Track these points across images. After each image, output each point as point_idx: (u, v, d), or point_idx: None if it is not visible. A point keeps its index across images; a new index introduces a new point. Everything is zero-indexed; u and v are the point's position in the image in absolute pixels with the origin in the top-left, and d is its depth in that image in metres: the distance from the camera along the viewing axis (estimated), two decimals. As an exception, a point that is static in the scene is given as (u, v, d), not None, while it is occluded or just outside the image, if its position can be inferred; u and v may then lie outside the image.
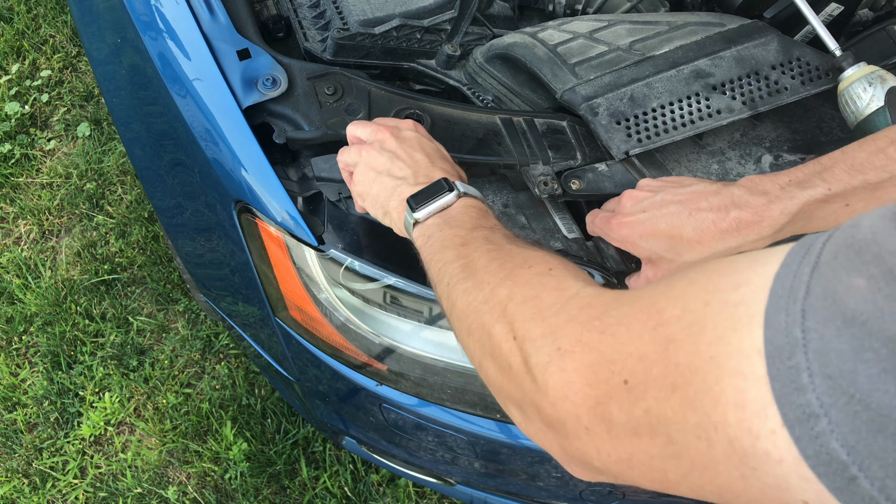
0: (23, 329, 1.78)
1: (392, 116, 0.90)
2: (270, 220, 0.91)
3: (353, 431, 1.22)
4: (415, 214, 0.68)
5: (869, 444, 0.31)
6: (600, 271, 0.85)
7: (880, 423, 0.31)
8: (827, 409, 0.32)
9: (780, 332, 0.35)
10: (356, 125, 0.83)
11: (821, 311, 0.34)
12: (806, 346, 0.33)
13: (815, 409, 0.33)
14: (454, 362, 0.95)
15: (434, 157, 0.76)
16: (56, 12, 2.26)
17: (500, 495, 1.20)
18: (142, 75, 1.04)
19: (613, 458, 0.44)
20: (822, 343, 0.33)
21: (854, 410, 0.32)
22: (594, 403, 0.44)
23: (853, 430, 0.32)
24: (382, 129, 0.79)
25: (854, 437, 0.32)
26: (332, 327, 0.97)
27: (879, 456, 0.31)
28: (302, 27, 1.02)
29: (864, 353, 0.32)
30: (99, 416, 1.66)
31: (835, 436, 0.32)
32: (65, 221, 1.93)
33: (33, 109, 2.10)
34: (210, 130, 0.93)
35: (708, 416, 0.37)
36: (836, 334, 0.33)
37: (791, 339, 0.34)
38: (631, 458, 0.42)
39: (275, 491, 1.58)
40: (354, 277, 0.90)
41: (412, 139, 0.78)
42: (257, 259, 0.99)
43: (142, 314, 1.78)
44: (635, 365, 0.42)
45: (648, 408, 0.40)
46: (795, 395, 0.33)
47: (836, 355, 0.32)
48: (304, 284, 0.95)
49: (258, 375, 1.69)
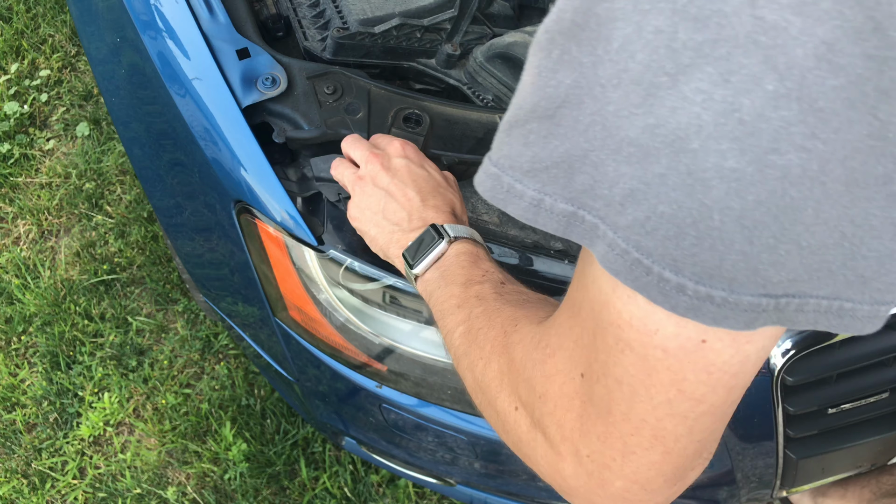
0: (22, 329, 1.78)
1: (392, 116, 0.90)
2: (270, 221, 0.91)
3: (353, 432, 1.21)
4: (414, 271, 0.72)
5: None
6: None
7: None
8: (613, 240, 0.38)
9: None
10: (350, 145, 0.84)
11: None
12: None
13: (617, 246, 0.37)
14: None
15: (426, 192, 0.78)
16: (55, 12, 2.26)
17: (501, 496, 1.20)
18: (141, 75, 1.04)
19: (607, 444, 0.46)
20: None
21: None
22: (578, 415, 0.46)
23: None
24: (374, 157, 0.80)
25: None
26: (331, 327, 0.97)
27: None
28: (301, 26, 1.02)
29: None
30: (98, 417, 1.65)
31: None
32: (64, 221, 1.92)
33: (32, 109, 2.10)
34: (209, 130, 0.93)
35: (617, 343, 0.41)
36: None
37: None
38: (609, 435, 0.45)
39: (274, 491, 1.58)
40: (354, 278, 0.90)
41: (403, 171, 0.79)
42: (257, 259, 0.99)
43: (141, 314, 1.78)
44: (578, 353, 0.46)
45: (606, 385, 0.44)
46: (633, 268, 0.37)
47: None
48: (304, 285, 0.95)
49: (258, 376, 1.69)
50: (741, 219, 0.34)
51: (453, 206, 0.79)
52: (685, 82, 0.33)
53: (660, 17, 0.33)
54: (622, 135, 0.35)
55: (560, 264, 0.89)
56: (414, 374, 0.97)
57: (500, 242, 0.89)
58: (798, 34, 0.31)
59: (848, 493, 1.16)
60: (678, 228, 0.35)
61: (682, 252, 0.35)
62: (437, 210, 0.77)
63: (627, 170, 0.36)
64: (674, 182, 0.34)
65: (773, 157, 0.32)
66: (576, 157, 0.37)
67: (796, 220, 0.34)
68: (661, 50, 0.33)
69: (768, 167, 0.33)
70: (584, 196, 0.38)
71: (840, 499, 1.17)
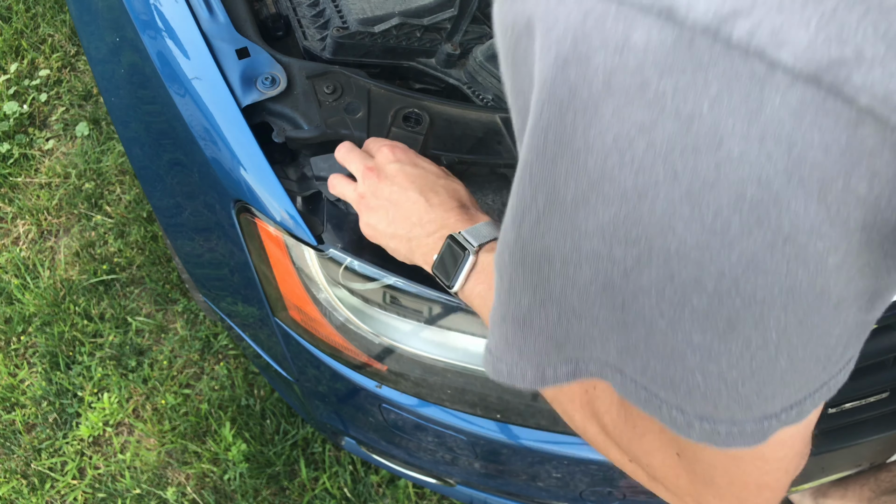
0: (21, 329, 1.77)
1: (391, 115, 0.90)
2: (269, 220, 0.91)
3: (353, 432, 1.21)
4: (453, 289, 0.71)
5: None
6: None
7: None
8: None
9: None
10: (344, 157, 0.83)
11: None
12: None
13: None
14: (454, 362, 0.94)
15: (427, 191, 0.76)
16: (55, 11, 2.26)
17: (501, 496, 1.20)
18: (140, 74, 1.04)
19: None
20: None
21: None
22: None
23: None
24: (369, 172, 0.79)
25: None
26: (331, 327, 0.97)
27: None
28: (301, 26, 1.02)
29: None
30: (97, 417, 1.65)
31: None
32: (63, 221, 1.92)
33: (32, 109, 2.10)
34: (209, 129, 0.93)
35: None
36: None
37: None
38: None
39: (274, 492, 1.58)
40: (354, 277, 0.90)
41: (399, 177, 0.78)
42: (256, 259, 0.99)
43: (140, 314, 1.78)
44: (666, 437, 0.49)
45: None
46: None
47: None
48: (304, 284, 0.94)
49: (257, 376, 1.69)
50: (721, 375, 0.36)
51: (458, 195, 0.77)
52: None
53: (594, 240, 0.36)
54: (595, 313, 0.39)
55: None
56: (414, 374, 0.97)
57: None
58: None
59: (848, 492, 1.17)
60: (672, 382, 0.38)
61: (680, 399, 0.38)
62: (445, 207, 0.75)
63: (613, 338, 0.39)
64: (655, 350, 0.38)
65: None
66: (560, 340, 0.42)
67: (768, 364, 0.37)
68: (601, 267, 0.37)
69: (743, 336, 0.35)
70: (580, 355, 0.42)
71: (840, 498, 1.17)
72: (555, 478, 1.06)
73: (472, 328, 0.91)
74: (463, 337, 0.92)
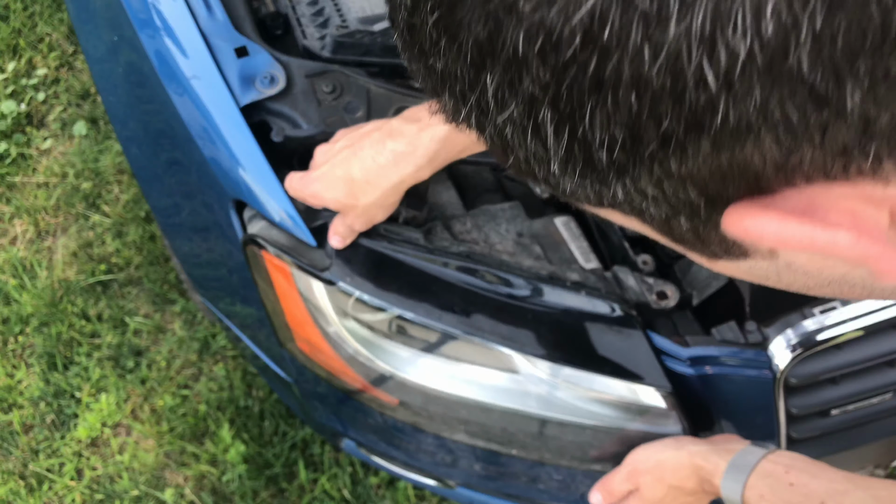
0: (19, 330, 1.77)
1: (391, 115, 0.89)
2: (276, 250, 0.89)
3: (352, 433, 1.21)
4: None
5: None
6: (619, 304, 0.84)
7: None
8: None
9: None
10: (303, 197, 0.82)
11: None
12: None
13: None
14: (466, 396, 0.93)
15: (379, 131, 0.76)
16: (52, 10, 2.25)
17: (501, 498, 1.19)
18: (139, 73, 1.03)
19: None
20: None
21: None
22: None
23: None
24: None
25: None
26: (341, 360, 0.96)
27: None
28: (300, 24, 1.01)
29: None
30: (95, 418, 1.64)
31: None
32: (61, 221, 1.91)
33: (29, 108, 2.09)
34: (207, 129, 0.92)
35: None
36: None
37: None
38: None
39: (273, 493, 1.57)
40: (364, 308, 0.89)
41: (342, 146, 0.78)
42: (263, 291, 0.98)
43: (138, 315, 1.77)
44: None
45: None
46: None
47: None
48: (312, 315, 0.94)
49: (256, 377, 1.68)
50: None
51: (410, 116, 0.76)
52: None
53: None
54: None
55: (575, 296, 0.87)
56: (427, 406, 0.96)
57: (515, 273, 0.87)
58: None
59: None
60: None
61: None
62: (407, 120, 0.74)
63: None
64: None
65: None
66: None
67: None
68: None
69: None
70: None
71: None
72: (556, 480, 1.06)
73: (484, 359, 0.90)
74: (474, 368, 0.91)
